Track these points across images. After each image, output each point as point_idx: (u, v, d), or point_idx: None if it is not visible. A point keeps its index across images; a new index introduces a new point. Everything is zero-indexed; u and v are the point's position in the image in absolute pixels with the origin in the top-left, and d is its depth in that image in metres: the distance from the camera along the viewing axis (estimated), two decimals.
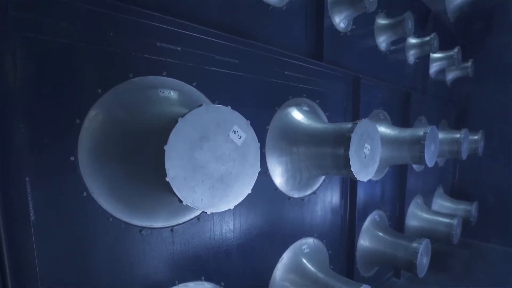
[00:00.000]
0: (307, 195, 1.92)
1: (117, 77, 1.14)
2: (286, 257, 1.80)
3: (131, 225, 1.18)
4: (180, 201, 0.93)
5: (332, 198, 2.13)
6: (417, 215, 3.18)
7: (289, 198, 1.80)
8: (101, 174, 1.08)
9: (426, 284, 2.83)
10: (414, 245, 2.35)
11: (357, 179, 1.56)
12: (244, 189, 1.07)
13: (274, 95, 1.69)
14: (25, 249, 0.96)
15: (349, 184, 2.26)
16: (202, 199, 0.97)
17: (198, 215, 1.37)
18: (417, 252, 2.30)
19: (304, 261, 1.84)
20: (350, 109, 2.22)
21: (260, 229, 1.65)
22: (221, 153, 1.00)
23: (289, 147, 1.69)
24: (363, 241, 2.46)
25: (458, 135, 2.99)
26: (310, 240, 1.96)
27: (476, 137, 3.61)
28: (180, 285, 1.32)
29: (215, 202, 1.00)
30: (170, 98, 1.21)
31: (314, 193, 1.97)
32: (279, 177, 1.72)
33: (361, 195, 2.35)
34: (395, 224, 2.92)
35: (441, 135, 2.98)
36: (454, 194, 4.17)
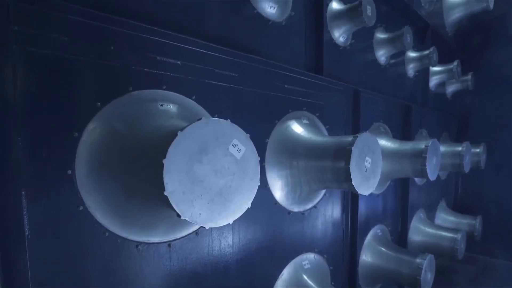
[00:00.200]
0: (308, 209, 1.90)
1: (116, 90, 1.15)
2: (286, 273, 1.76)
3: (127, 240, 1.16)
4: (178, 216, 0.92)
5: (333, 212, 2.10)
6: (420, 230, 3.14)
7: (289, 212, 1.78)
8: (98, 187, 1.07)
9: None
10: (418, 260, 2.30)
11: (358, 192, 1.54)
12: (243, 203, 1.05)
13: (273, 108, 1.70)
14: (18, 265, 0.94)
15: (350, 198, 2.23)
16: (200, 214, 0.96)
17: (196, 229, 1.35)
18: (421, 268, 2.25)
19: (304, 277, 1.80)
20: (350, 122, 2.22)
21: (260, 244, 1.62)
22: (220, 166, 0.99)
23: (289, 160, 1.68)
24: (365, 257, 2.41)
25: (460, 148, 2.97)
26: (311, 256, 1.92)
27: (478, 150, 3.60)
28: None
29: (214, 217, 0.98)
30: (170, 112, 1.21)
31: (315, 207, 1.94)
32: (279, 191, 1.71)
33: (362, 209, 2.32)
34: (398, 239, 2.87)
35: (442, 148, 2.97)
36: (457, 208, 4.12)
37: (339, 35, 2.20)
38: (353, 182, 1.49)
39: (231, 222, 1.02)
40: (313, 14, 2.04)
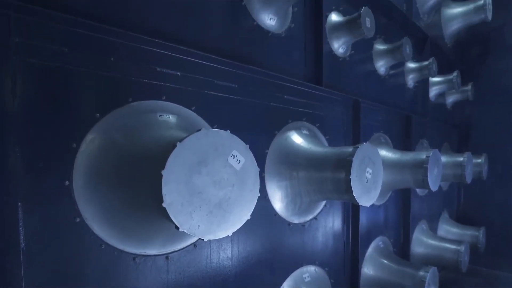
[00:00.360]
0: (308, 221, 1.88)
1: (116, 101, 1.15)
2: (286, 286, 1.72)
3: (124, 252, 1.14)
4: (177, 228, 0.90)
5: (334, 223, 2.07)
6: (422, 242, 3.10)
7: (289, 223, 1.76)
8: (96, 199, 1.06)
9: None
10: (421, 273, 2.26)
11: (359, 204, 1.52)
12: (243, 215, 1.04)
13: (273, 119, 1.69)
14: (13, 278, 0.92)
15: (351, 209, 2.21)
16: (199, 226, 0.95)
17: (194, 242, 1.33)
18: (424, 281, 2.21)
19: None
20: (350, 133, 2.22)
21: (259, 257, 1.59)
22: (220, 178, 0.98)
23: (289, 171, 1.67)
24: (367, 269, 2.37)
25: (462, 159, 2.96)
26: (312, 268, 1.89)
27: (479, 160, 3.58)
28: None
29: (212, 229, 0.97)
30: (169, 122, 1.20)
31: (315, 218, 1.92)
32: (278, 202, 1.69)
33: (363, 220, 2.29)
34: (400, 251, 2.83)
35: (444, 159, 2.95)
36: (460, 219, 4.08)
37: (339, 46, 2.22)
38: (354, 193, 1.48)
39: (230, 234, 1.01)
40: (313, 25, 2.05)
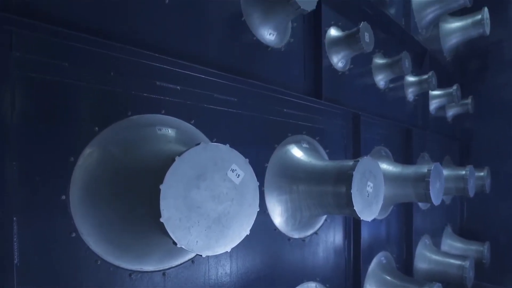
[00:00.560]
0: (308, 236, 1.85)
1: (115, 115, 1.15)
2: None
3: (120, 268, 1.12)
4: (174, 244, 0.89)
5: (335, 238, 2.04)
6: (426, 257, 3.04)
7: (289, 238, 1.73)
8: (92, 213, 1.05)
9: None
10: None
11: (361, 218, 1.50)
12: (242, 230, 1.03)
13: (273, 132, 1.69)
14: None
15: (353, 224, 2.18)
16: (197, 241, 0.93)
17: (192, 257, 1.31)
18: None
19: None
20: (350, 146, 2.21)
21: (258, 273, 1.56)
22: (219, 192, 0.97)
23: (289, 185, 1.65)
24: (369, 286, 2.32)
25: (464, 172, 2.94)
26: (313, 285, 1.85)
27: (482, 173, 3.55)
28: None
29: (211, 244, 0.96)
30: (168, 136, 1.20)
31: (316, 233, 1.89)
32: (278, 217, 1.67)
33: (365, 235, 2.26)
34: (403, 267, 2.78)
35: (445, 172, 2.93)
36: (463, 234, 4.01)
37: (338, 60, 2.24)
38: (355, 208, 1.46)
39: (229, 250, 0.99)
40: (312, 40, 2.08)
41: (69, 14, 1.10)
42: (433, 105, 3.63)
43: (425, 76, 3.05)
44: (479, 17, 3.43)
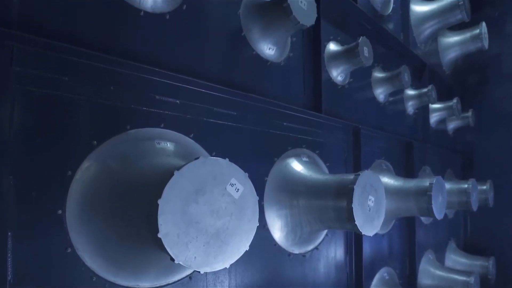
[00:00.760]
0: (309, 251, 1.82)
1: (114, 129, 1.15)
2: None
3: (116, 285, 1.09)
4: (172, 260, 0.87)
5: (336, 254, 2.01)
6: (430, 273, 2.98)
7: (289, 254, 1.70)
8: (89, 228, 1.03)
9: None
10: None
11: (362, 233, 1.48)
12: (241, 245, 1.01)
13: (272, 146, 1.69)
14: None
15: (354, 239, 2.15)
16: (195, 257, 0.91)
17: (190, 274, 1.28)
18: None
19: None
20: (351, 160, 2.20)
21: None
22: (218, 207, 0.96)
23: (289, 199, 1.63)
24: None
25: (466, 185, 2.91)
26: None
27: (484, 187, 3.52)
28: None
29: (209, 261, 0.94)
30: (167, 150, 1.20)
31: (317, 248, 1.86)
32: (278, 232, 1.64)
33: (367, 250, 2.22)
34: (407, 283, 2.72)
35: (448, 186, 2.90)
36: (467, 249, 3.94)
37: (337, 74, 2.25)
38: (356, 222, 1.44)
39: (227, 266, 0.97)
40: (311, 54, 2.10)
41: (70, 29, 1.12)
42: (433, 118, 3.64)
43: (425, 90, 3.06)
44: (477, 31, 3.47)
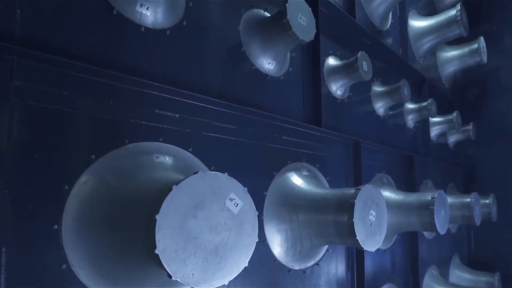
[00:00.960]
0: (309, 267, 1.78)
1: (112, 143, 1.14)
2: None
3: None
4: (169, 276, 0.85)
5: (337, 270, 1.97)
6: None
7: (289, 270, 1.67)
8: (84, 244, 1.01)
9: None
10: None
11: (364, 249, 1.45)
12: (240, 261, 0.99)
13: (272, 160, 1.68)
14: None
15: (355, 254, 2.11)
16: (193, 274, 0.89)
17: None
18: None
19: None
20: (351, 174, 2.18)
21: None
22: (217, 222, 0.94)
23: (289, 214, 1.62)
24: None
25: (469, 199, 2.87)
26: None
27: (487, 201, 3.48)
28: None
29: (208, 277, 0.92)
30: (165, 164, 1.19)
31: (317, 264, 1.83)
32: (278, 247, 1.62)
33: (369, 266, 2.18)
34: None
35: (450, 200, 2.87)
36: (472, 264, 3.87)
37: (337, 88, 2.27)
38: (357, 238, 1.41)
39: (226, 283, 0.95)
40: (311, 69, 2.11)
41: (70, 44, 1.13)
42: (434, 131, 3.64)
43: (425, 103, 3.07)
44: (475, 46, 3.52)
